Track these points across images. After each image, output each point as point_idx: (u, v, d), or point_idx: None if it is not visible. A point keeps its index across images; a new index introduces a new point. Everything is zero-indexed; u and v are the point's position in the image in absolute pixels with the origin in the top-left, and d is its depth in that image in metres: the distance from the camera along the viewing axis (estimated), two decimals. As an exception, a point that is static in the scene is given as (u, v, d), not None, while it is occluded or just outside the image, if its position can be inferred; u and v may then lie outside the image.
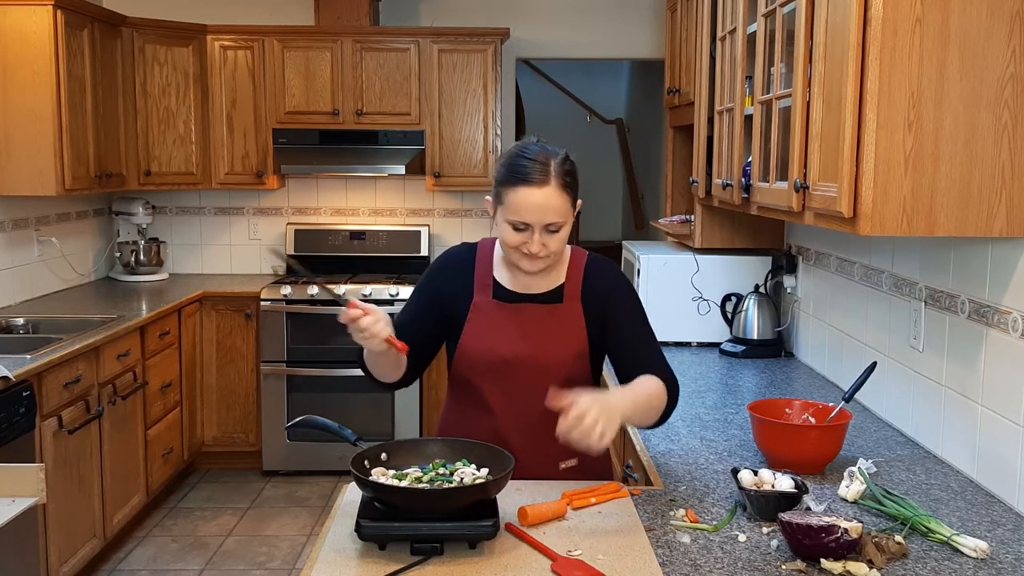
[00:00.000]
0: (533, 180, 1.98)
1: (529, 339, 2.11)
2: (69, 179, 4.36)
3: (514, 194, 1.99)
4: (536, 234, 2.00)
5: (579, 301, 2.14)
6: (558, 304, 2.14)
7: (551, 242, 2.02)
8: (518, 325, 2.12)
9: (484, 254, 2.19)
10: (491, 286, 2.15)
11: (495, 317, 2.13)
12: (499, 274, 2.17)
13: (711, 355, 3.64)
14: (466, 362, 2.14)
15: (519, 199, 1.99)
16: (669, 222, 4.23)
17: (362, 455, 1.88)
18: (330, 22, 5.35)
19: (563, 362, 2.12)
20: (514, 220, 2.00)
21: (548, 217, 1.99)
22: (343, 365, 5.07)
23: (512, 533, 1.82)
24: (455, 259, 2.22)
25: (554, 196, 1.99)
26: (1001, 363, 2.11)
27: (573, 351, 2.13)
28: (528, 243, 2.01)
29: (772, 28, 2.58)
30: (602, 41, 5.76)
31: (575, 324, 2.13)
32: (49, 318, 4.27)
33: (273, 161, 5.38)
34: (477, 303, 2.14)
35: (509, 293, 2.14)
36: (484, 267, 2.17)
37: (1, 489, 2.29)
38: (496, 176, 2.07)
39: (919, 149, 1.93)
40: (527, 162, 2.00)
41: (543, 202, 1.98)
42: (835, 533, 1.69)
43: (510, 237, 2.03)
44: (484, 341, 2.12)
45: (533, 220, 1.99)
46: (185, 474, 5.17)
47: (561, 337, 2.12)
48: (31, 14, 4.22)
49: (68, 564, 3.66)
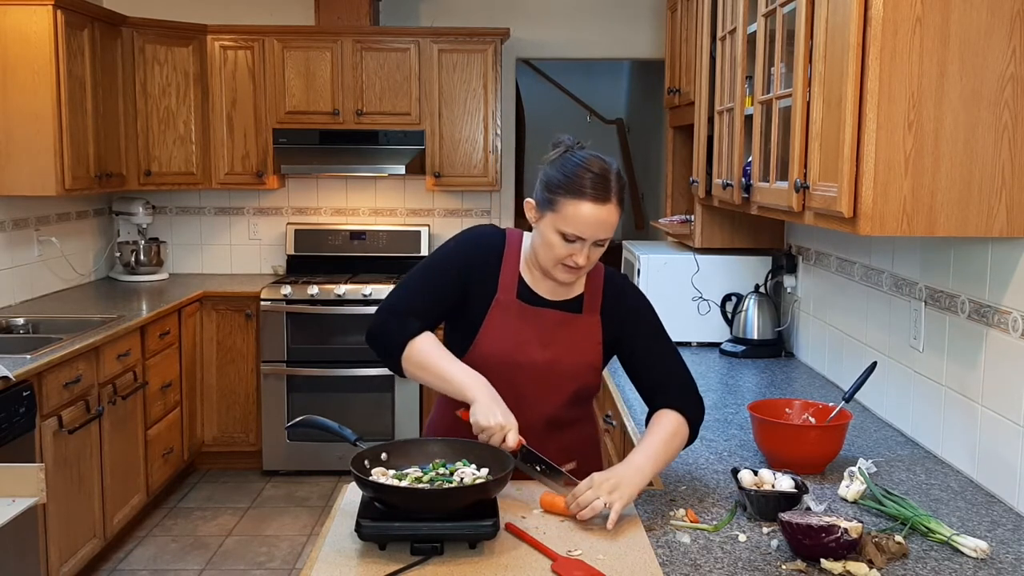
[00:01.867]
0: (597, 196, 1.95)
1: (546, 346, 2.09)
2: (69, 179, 4.36)
3: (574, 207, 1.95)
4: (586, 248, 1.98)
5: (598, 314, 2.12)
6: (578, 314, 2.12)
7: (595, 255, 2.01)
8: (537, 331, 2.09)
9: (512, 248, 2.14)
10: (516, 285, 2.11)
11: (516, 319, 2.09)
12: (525, 273, 2.13)
13: (711, 355, 3.63)
14: (481, 359, 2.08)
15: (580, 213, 1.95)
16: (669, 222, 4.23)
17: (362, 455, 1.88)
18: (330, 22, 5.35)
19: (576, 372, 2.10)
20: (568, 231, 1.96)
21: (603, 233, 1.97)
22: (343, 365, 5.07)
23: (512, 533, 1.82)
24: (487, 241, 2.15)
25: (614, 214, 1.97)
26: (1001, 363, 2.11)
27: (587, 361, 2.11)
28: (576, 255, 1.98)
29: (772, 28, 2.58)
30: (602, 41, 5.76)
31: (592, 336, 2.11)
32: (49, 318, 4.27)
33: (273, 161, 5.38)
34: (500, 300, 2.09)
35: (533, 295, 2.11)
36: (511, 262, 2.12)
37: (1, 489, 2.29)
38: (550, 182, 2.00)
39: (919, 149, 1.93)
40: (591, 176, 1.96)
41: (605, 219, 1.96)
42: (835, 533, 1.69)
43: (558, 247, 1.99)
44: (503, 342, 2.08)
45: (589, 235, 1.96)
46: (185, 474, 5.17)
47: (577, 347, 2.10)
48: (31, 14, 4.22)
49: (68, 564, 3.66)
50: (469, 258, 2.12)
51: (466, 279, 2.10)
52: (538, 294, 2.11)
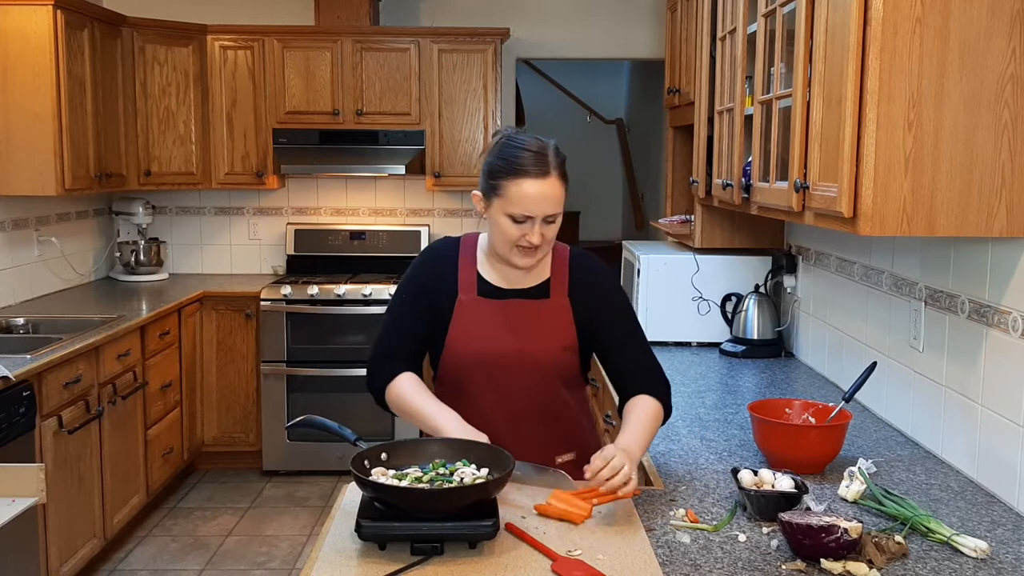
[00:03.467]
0: (537, 172, 1.99)
1: (517, 334, 2.11)
2: (69, 179, 4.36)
3: (517, 187, 1.99)
4: (537, 225, 2.01)
5: (566, 295, 2.15)
6: (545, 299, 2.14)
7: (548, 232, 2.04)
8: (505, 321, 2.11)
9: (467, 249, 2.19)
10: (475, 282, 2.15)
11: (481, 314, 2.12)
12: (483, 270, 2.16)
13: (711, 355, 3.63)
14: (454, 360, 2.14)
15: (523, 191, 1.99)
16: (669, 222, 4.23)
17: (362, 455, 1.88)
18: (330, 22, 5.35)
19: (553, 356, 2.12)
20: (515, 213, 2.01)
21: (550, 208, 2.01)
22: (343, 365, 5.07)
23: (512, 533, 1.82)
24: (438, 254, 2.21)
25: (555, 187, 2.01)
26: (1001, 363, 2.11)
27: (562, 345, 2.13)
28: (529, 235, 2.01)
29: (772, 28, 2.58)
30: (602, 41, 5.76)
31: (563, 318, 2.13)
32: (49, 318, 4.27)
33: (273, 161, 5.38)
34: (462, 300, 2.13)
35: (495, 289, 2.14)
36: (468, 262, 2.17)
37: (1, 489, 2.29)
38: (489, 169, 2.04)
39: (919, 149, 1.93)
40: (526, 153, 2.00)
41: (547, 192, 1.99)
42: (835, 533, 1.69)
43: (510, 230, 2.03)
44: (472, 339, 2.11)
45: (536, 212, 2.00)
46: (185, 474, 5.17)
47: (549, 331, 2.12)
48: (31, 14, 4.22)
49: (68, 564, 3.66)
50: (422, 277, 2.19)
51: (427, 296, 2.16)
52: (500, 287, 2.15)
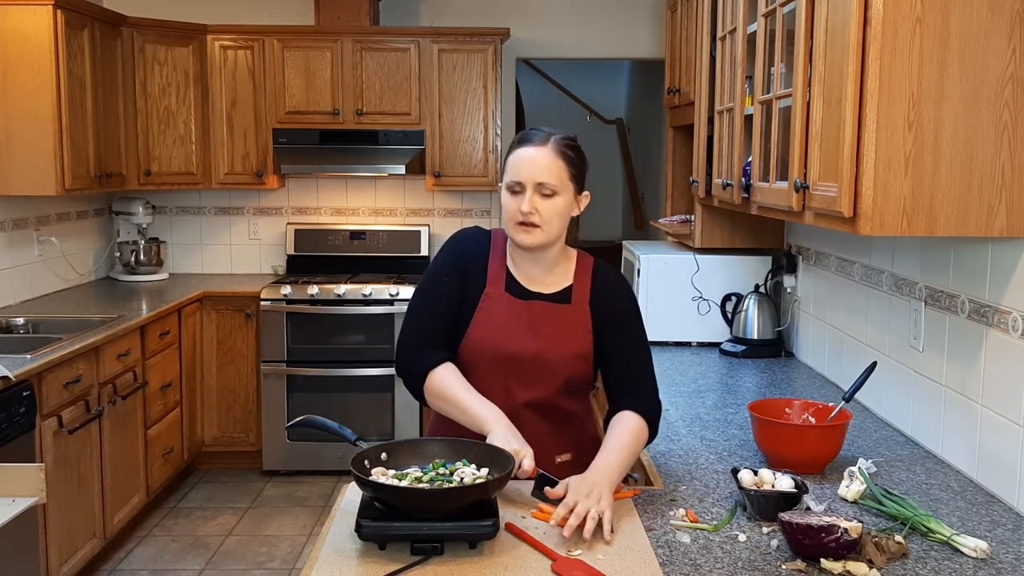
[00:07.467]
0: (531, 141, 2.07)
1: (537, 336, 2.11)
2: (69, 179, 4.36)
3: (513, 157, 2.07)
4: (528, 193, 2.03)
5: (587, 304, 2.15)
6: (567, 305, 2.15)
7: (543, 206, 2.04)
8: (528, 321, 2.12)
9: (498, 244, 2.20)
10: (504, 278, 2.16)
11: (506, 310, 2.13)
12: (512, 268, 2.17)
13: (711, 355, 3.64)
14: (472, 351, 2.14)
15: (516, 159, 2.06)
16: (669, 222, 4.23)
17: (362, 455, 1.88)
18: (330, 22, 5.35)
19: (567, 361, 2.12)
20: (509, 181, 2.06)
21: (540, 176, 2.03)
22: (343, 365, 5.07)
23: (512, 533, 1.82)
24: (473, 244, 2.21)
25: (548, 156, 2.04)
26: (1001, 363, 2.11)
27: (577, 351, 2.13)
28: (522, 204, 2.04)
29: (772, 28, 2.58)
30: (602, 41, 5.76)
31: (582, 326, 2.14)
32: (49, 318, 4.27)
33: (273, 161, 5.38)
34: (489, 293, 2.14)
35: (521, 288, 2.15)
36: (498, 256, 2.18)
37: (1, 489, 2.29)
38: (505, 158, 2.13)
39: (919, 149, 1.93)
40: (531, 131, 2.10)
41: (538, 158, 2.04)
42: (835, 533, 1.69)
43: (508, 204, 2.07)
44: (493, 334, 2.12)
45: (525, 177, 2.03)
46: (185, 474, 5.17)
47: (567, 337, 2.13)
48: (31, 14, 4.22)
49: (68, 564, 3.66)
50: (463, 256, 2.18)
51: (463, 282, 2.16)
52: (526, 287, 2.15)
